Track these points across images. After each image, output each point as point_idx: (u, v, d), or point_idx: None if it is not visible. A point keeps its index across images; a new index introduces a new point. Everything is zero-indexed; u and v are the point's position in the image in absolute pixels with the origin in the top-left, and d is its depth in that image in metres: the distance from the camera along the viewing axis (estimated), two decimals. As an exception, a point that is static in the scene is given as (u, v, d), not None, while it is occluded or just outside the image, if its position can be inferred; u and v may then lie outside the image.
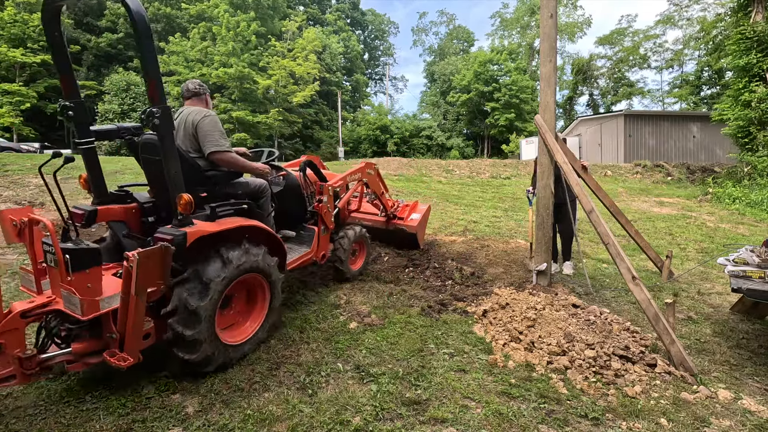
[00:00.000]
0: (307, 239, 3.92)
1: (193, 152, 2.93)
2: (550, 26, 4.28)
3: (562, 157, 4.14)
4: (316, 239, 3.89)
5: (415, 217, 5.50)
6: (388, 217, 5.45)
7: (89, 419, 2.17)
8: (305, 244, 3.89)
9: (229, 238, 2.68)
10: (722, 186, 12.81)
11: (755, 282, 3.16)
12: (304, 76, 32.23)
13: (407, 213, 5.56)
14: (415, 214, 5.56)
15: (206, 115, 2.96)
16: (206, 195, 2.95)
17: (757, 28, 12.66)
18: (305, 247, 3.84)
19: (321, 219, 3.97)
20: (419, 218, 5.48)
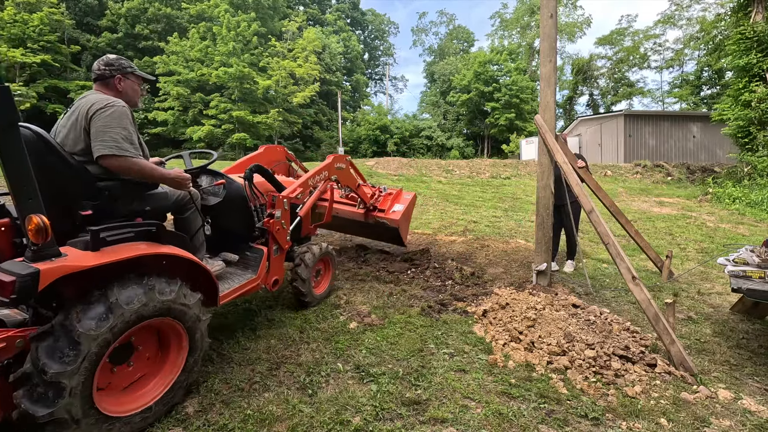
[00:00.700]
0: (254, 262, 3.15)
1: (80, 155, 2.18)
2: (550, 26, 4.28)
3: (562, 157, 4.14)
4: (264, 262, 3.13)
5: (398, 208, 4.93)
6: (367, 209, 4.93)
7: (89, 419, 2.16)
8: (250, 268, 3.12)
9: (121, 273, 1.99)
10: (722, 186, 12.81)
11: (755, 282, 3.16)
12: (305, 76, 32.24)
13: (389, 204, 4.99)
14: (398, 205, 4.99)
15: (107, 105, 2.20)
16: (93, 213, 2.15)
17: (757, 28, 12.66)
18: (250, 273, 3.07)
19: (272, 237, 3.22)
20: (402, 210, 4.93)
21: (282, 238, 3.30)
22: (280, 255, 3.36)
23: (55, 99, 28.81)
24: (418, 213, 9.22)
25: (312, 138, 38.51)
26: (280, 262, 3.38)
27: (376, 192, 5.02)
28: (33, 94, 25.29)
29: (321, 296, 3.90)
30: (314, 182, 3.83)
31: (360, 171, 4.76)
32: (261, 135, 31.27)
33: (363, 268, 5.09)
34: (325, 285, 4.03)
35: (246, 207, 3.24)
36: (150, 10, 34.50)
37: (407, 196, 5.16)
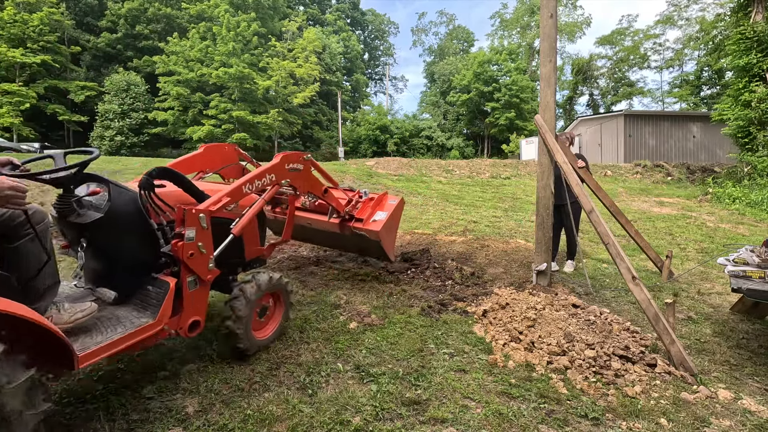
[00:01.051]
0: (154, 300, 2.31)
1: None
2: (550, 26, 4.28)
3: (562, 157, 4.14)
4: (168, 300, 2.27)
5: (380, 217, 4.07)
6: (342, 219, 4.08)
7: (89, 419, 2.17)
8: (149, 309, 2.29)
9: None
10: (722, 186, 12.81)
11: (755, 282, 3.16)
12: (305, 76, 32.25)
13: (370, 211, 4.14)
14: (380, 212, 4.12)
15: None
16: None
17: (757, 28, 12.67)
18: (146, 316, 2.24)
19: (184, 266, 2.38)
20: (385, 219, 4.05)
21: (200, 267, 2.44)
22: (201, 289, 2.49)
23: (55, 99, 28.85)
24: (417, 213, 9.21)
25: (312, 138, 38.54)
26: (201, 297, 2.51)
27: (354, 197, 4.19)
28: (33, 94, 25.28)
29: (264, 342, 2.95)
30: (255, 188, 2.90)
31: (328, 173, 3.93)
32: (261, 135, 31.30)
33: (363, 268, 5.09)
34: (273, 327, 3.08)
35: (142, 224, 2.35)
36: (150, 10, 34.52)
37: (392, 202, 4.27)
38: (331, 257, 5.56)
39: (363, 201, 4.25)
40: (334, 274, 4.81)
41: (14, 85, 24.61)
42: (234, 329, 2.68)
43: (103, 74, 32.01)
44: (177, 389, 2.46)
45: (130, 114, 28.63)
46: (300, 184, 3.39)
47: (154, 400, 2.35)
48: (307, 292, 4.19)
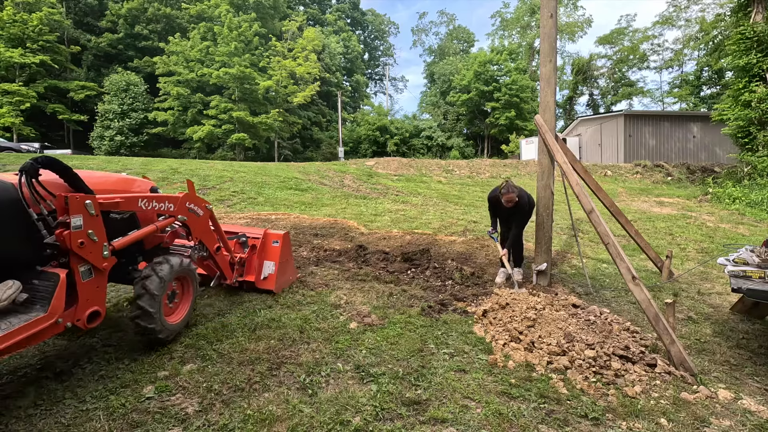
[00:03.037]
0: (44, 293, 2.27)
1: None
2: (550, 26, 4.28)
3: (562, 157, 4.14)
4: (60, 292, 2.24)
5: (269, 270, 4.02)
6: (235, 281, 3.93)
7: (89, 419, 2.17)
8: (38, 302, 2.25)
9: None
10: (722, 186, 12.81)
11: (755, 282, 3.16)
12: (305, 76, 32.24)
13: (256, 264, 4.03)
14: (268, 262, 4.04)
15: None
16: None
17: (757, 28, 12.67)
18: (35, 310, 2.20)
19: (75, 255, 2.33)
20: (275, 270, 4.00)
21: (93, 256, 2.41)
22: (97, 278, 2.47)
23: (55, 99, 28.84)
24: (417, 213, 9.20)
25: (312, 138, 38.54)
26: (98, 286, 2.48)
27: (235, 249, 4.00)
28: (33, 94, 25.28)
29: (176, 327, 2.98)
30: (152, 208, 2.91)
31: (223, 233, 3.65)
32: (261, 135, 31.29)
33: (363, 268, 5.09)
34: (184, 310, 3.11)
35: (19, 214, 2.23)
36: (150, 10, 34.51)
37: (275, 243, 4.08)
38: (332, 257, 5.56)
39: (246, 254, 4.04)
40: (334, 274, 4.81)
41: (14, 85, 24.60)
42: (147, 308, 2.66)
43: (103, 74, 32.01)
44: (177, 389, 2.46)
45: (129, 114, 28.63)
46: (194, 228, 3.30)
47: (154, 400, 2.35)
48: (307, 292, 4.18)
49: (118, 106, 28.28)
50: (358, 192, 12.28)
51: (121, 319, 3.38)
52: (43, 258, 2.35)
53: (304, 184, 12.44)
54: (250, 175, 12.71)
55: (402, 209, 9.66)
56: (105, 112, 28.11)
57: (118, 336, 3.10)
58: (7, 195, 2.20)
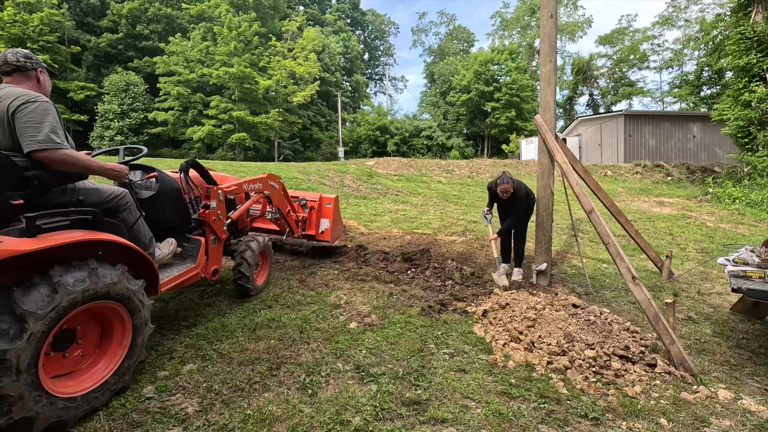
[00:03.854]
0: (192, 252, 3.24)
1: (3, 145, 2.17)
2: (550, 26, 4.28)
3: (562, 157, 4.14)
4: (202, 252, 3.24)
5: (325, 225, 5.13)
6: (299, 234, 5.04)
7: (89, 419, 2.16)
8: (189, 258, 3.20)
9: (61, 258, 2.02)
10: (722, 186, 12.81)
11: (755, 282, 3.16)
12: (305, 76, 32.24)
13: (315, 221, 5.10)
14: (324, 220, 5.13)
15: (30, 100, 2.17)
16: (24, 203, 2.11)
17: (757, 28, 12.67)
18: (189, 262, 3.15)
19: (209, 228, 3.34)
20: (329, 226, 5.12)
21: (219, 229, 3.43)
22: (218, 245, 3.47)
23: (55, 99, 28.85)
24: (417, 213, 9.22)
25: (312, 138, 38.53)
26: (218, 252, 3.50)
27: (299, 213, 5.00)
28: None
29: (261, 287, 4.10)
30: (249, 188, 3.97)
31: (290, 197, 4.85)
32: (261, 135, 31.28)
33: (363, 268, 5.09)
34: (264, 276, 4.23)
35: (180, 199, 3.28)
36: (150, 11, 34.51)
37: (329, 205, 5.19)
38: (332, 257, 5.56)
39: (307, 213, 5.13)
40: (334, 274, 4.81)
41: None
42: (245, 272, 3.74)
43: (103, 74, 31.99)
44: (177, 389, 2.46)
45: (129, 114, 28.62)
46: (273, 198, 4.45)
47: (154, 400, 2.35)
48: (307, 292, 4.19)
49: (118, 106, 28.28)
50: (358, 192, 12.29)
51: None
52: (190, 229, 3.36)
53: (304, 184, 12.45)
54: (250, 175, 12.72)
55: (402, 209, 9.66)
56: (105, 112, 28.10)
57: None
58: (172, 185, 3.27)
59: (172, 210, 3.24)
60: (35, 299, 1.85)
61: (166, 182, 3.24)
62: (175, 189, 3.27)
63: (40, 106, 2.19)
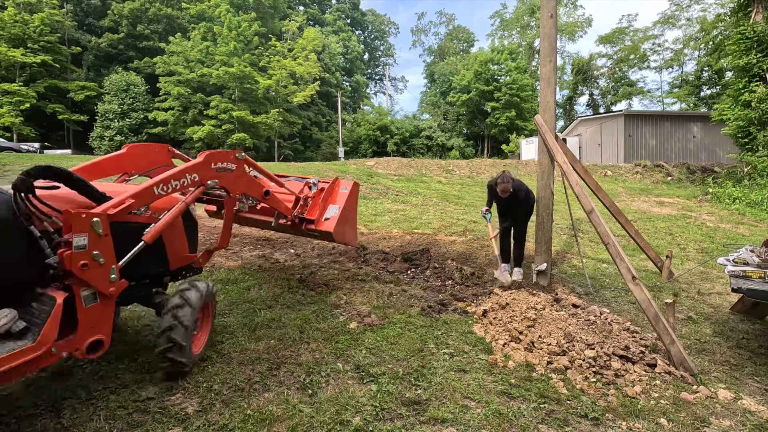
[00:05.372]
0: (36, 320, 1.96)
1: None
2: (550, 26, 4.28)
3: (562, 157, 4.14)
4: (53, 319, 1.92)
5: (332, 213, 3.83)
6: (293, 223, 3.80)
7: (89, 419, 2.17)
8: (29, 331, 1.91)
9: None
10: (722, 186, 12.81)
11: (755, 282, 3.16)
12: (305, 76, 32.23)
13: (321, 207, 3.87)
14: (332, 207, 3.86)
15: None
16: None
17: (757, 28, 12.67)
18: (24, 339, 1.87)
19: (76, 279, 1.99)
20: (338, 214, 3.81)
21: (98, 279, 2.07)
22: (102, 304, 2.12)
23: (55, 99, 28.84)
24: (417, 213, 9.20)
25: (311, 138, 38.54)
26: (103, 313, 2.14)
27: (304, 190, 3.89)
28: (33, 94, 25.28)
29: (199, 356, 2.76)
30: (173, 189, 2.53)
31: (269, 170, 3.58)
32: (261, 135, 31.29)
33: (363, 268, 5.09)
34: (204, 338, 2.88)
35: (15, 232, 1.99)
36: (151, 11, 34.52)
37: (344, 190, 3.98)
38: (332, 257, 5.56)
39: (314, 195, 3.91)
40: (334, 274, 4.81)
41: (14, 85, 24.59)
42: (180, 342, 2.39)
43: (104, 74, 32.00)
44: (177, 389, 2.46)
45: (129, 114, 28.63)
46: (231, 186, 3.01)
47: (154, 400, 2.35)
48: (307, 292, 4.19)
49: (118, 106, 28.28)
50: (358, 192, 12.26)
51: (121, 320, 3.38)
52: (45, 279, 2.06)
53: (304, 184, 12.41)
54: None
55: (402, 209, 9.67)
56: (105, 112, 28.11)
57: (118, 336, 3.10)
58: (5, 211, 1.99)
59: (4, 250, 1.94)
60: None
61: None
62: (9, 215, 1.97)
63: None
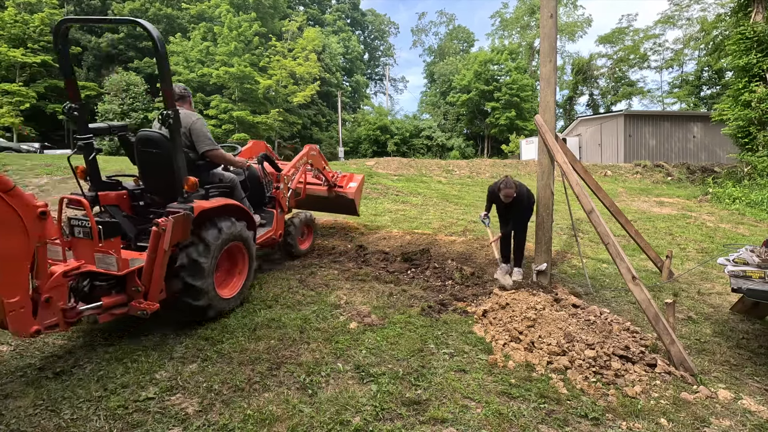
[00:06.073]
0: (268, 220, 4.66)
1: (185, 147, 3.42)
2: (550, 26, 4.28)
3: (562, 157, 4.14)
4: (275, 220, 4.68)
5: (353, 185, 6.35)
6: (329, 186, 6.21)
7: (89, 419, 2.17)
8: (267, 224, 4.62)
9: (219, 213, 3.38)
10: (722, 186, 12.81)
11: (755, 282, 3.16)
12: (305, 76, 32.24)
13: (346, 182, 6.40)
14: (353, 183, 6.42)
15: (197, 118, 3.63)
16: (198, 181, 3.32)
17: (757, 28, 12.67)
18: (268, 227, 4.59)
19: (278, 203, 4.75)
20: (356, 186, 6.37)
21: (284, 203, 4.85)
22: (283, 215, 4.92)
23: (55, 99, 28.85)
24: (417, 213, 9.24)
25: (311, 138, 38.56)
26: (283, 220, 4.97)
27: (335, 174, 6.36)
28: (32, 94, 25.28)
29: (304, 251, 5.48)
30: (299, 164, 5.28)
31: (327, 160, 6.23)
32: (261, 135, 31.27)
33: (363, 268, 5.09)
34: (308, 243, 5.63)
35: (260, 182, 4.70)
36: (151, 11, 34.52)
37: (358, 177, 6.59)
38: (332, 257, 5.56)
39: (340, 176, 6.37)
40: (334, 274, 4.81)
41: (14, 85, 24.59)
42: (291, 243, 5.20)
43: (104, 75, 32.01)
44: (177, 389, 2.46)
45: (129, 114, 28.62)
46: (316, 163, 5.71)
47: (154, 400, 2.35)
48: (307, 292, 4.19)
49: (118, 106, 28.28)
50: (358, 192, 12.26)
51: (121, 320, 3.38)
52: (265, 204, 4.79)
53: (304, 184, 12.43)
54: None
55: (402, 209, 9.67)
56: (105, 112, 28.10)
57: (118, 336, 3.10)
58: (254, 172, 4.67)
59: (255, 190, 4.59)
60: (212, 234, 3.23)
61: (252, 170, 4.62)
62: (257, 175, 4.65)
63: (202, 121, 3.69)
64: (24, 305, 2.26)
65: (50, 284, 2.41)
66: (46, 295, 2.39)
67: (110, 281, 2.79)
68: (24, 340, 2.94)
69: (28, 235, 2.21)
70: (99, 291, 2.79)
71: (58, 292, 2.45)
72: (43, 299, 2.38)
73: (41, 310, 2.38)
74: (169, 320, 3.39)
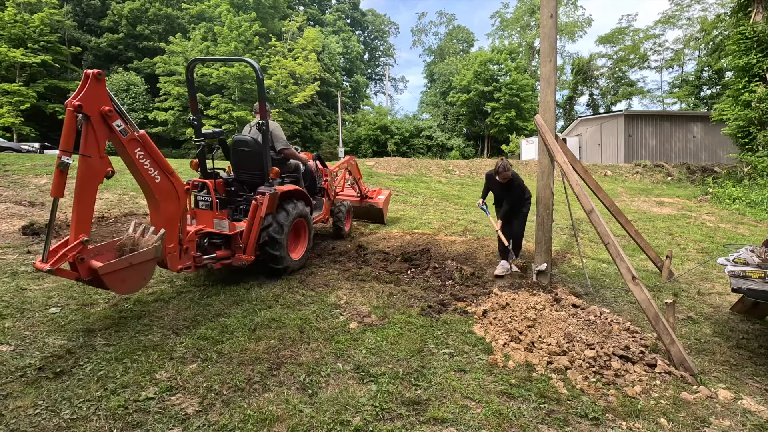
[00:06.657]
0: (320, 206, 5.97)
1: None
2: (550, 26, 4.28)
3: (562, 157, 4.14)
4: (325, 206, 6.05)
5: (381, 197, 7.63)
6: (362, 197, 7.46)
7: (89, 419, 2.17)
8: (318, 209, 5.87)
9: (289, 196, 4.57)
10: (722, 186, 12.81)
11: (755, 282, 3.16)
12: (305, 75, 32.23)
13: (375, 194, 7.72)
14: (381, 195, 7.72)
15: (276, 126, 4.92)
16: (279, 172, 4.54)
17: (757, 28, 12.67)
18: (319, 211, 5.89)
19: (327, 192, 6.12)
20: (384, 198, 7.65)
21: (331, 193, 6.27)
22: (330, 203, 6.25)
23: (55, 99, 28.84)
24: (417, 213, 9.24)
25: (311, 139, 38.54)
26: (329, 207, 6.28)
27: (366, 187, 7.66)
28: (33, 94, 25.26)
29: (347, 232, 6.64)
30: (341, 167, 6.88)
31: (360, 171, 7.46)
32: (261, 135, 31.26)
33: (363, 268, 5.09)
34: (348, 225, 6.75)
35: (314, 176, 5.76)
36: (151, 11, 34.50)
37: (386, 191, 7.99)
38: (332, 257, 5.56)
39: (371, 190, 7.80)
40: (334, 274, 4.82)
41: (14, 85, 24.57)
42: (340, 225, 6.39)
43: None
44: (177, 389, 2.46)
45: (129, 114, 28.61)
46: (354, 172, 7.13)
47: (154, 400, 2.35)
48: (307, 291, 4.19)
49: (118, 106, 28.26)
50: (358, 192, 12.26)
51: (121, 320, 3.38)
52: (317, 192, 5.88)
53: (304, 184, 12.43)
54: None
55: (402, 209, 9.67)
56: (105, 112, 28.06)
57: (118, 336, 3.10)
58: (309, 167, 5.68)
59: (310, 181, 5.63)
60: (283, 215, 4.38)
61: (308, 165, 5.64)
62: (311, 169, 5.68)
63: (279, 127, 5.00)
64: (176, 251, 3.50)
65: (188, 239, 3.64)
66: (185, 246, 3.61)
67: (221, 240, 4.11)
68: (24, 340, 2.96)
69: (180, 204, 3.39)
70: (214, 247, 4.11)
71: (191, 244, 3.71)
72: (184, 248, 3.60)
73: (183, 255, 3.60)
74: (170, 320, 3.39)
